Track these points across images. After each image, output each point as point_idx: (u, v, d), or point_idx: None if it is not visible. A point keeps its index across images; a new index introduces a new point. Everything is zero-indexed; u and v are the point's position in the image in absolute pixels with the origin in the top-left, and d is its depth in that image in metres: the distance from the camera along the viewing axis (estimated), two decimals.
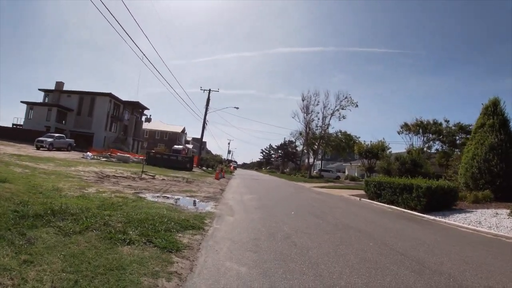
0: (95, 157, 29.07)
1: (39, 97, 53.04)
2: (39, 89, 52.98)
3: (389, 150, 29.68)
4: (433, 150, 31.72)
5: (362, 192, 21.87)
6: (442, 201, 13.15)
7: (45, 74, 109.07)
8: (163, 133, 77.02)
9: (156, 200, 9.19)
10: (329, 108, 43.19)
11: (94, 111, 51.42)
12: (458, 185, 16.03)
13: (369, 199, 16.52)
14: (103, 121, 51.43)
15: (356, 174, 54.29)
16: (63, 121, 50.44)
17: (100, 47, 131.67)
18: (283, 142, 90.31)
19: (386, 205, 14.51)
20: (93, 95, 51.71)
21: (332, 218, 9.23)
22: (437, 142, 32.56)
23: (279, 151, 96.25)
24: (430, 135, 32.33)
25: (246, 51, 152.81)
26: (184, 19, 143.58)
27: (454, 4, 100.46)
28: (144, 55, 17.62)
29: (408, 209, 13.11)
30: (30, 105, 49.91)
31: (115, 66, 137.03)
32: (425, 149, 30.40)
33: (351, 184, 32.83)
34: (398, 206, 13.83)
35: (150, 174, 17.52)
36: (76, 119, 51.30)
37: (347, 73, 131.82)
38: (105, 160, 27.66)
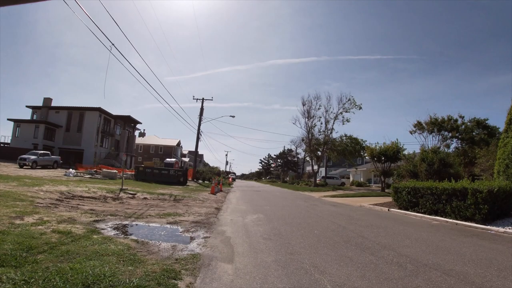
0: (79, 174, 26.67)
1: (27, 115, 50.87)
2: (27, 106, 50.83)
3: (403, 152, 26.66)
4: (451, 149, 28.68)
5: (382, 199, 18.87)
6: (504, 207, 10.31)
7: (34, 92, 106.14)
8: (157, 147, 74.18)
9: (115, 235, 6.09)
10: (331, 112, 40.35)
11: (83, 127, 49.18)
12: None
13: (400, 208, 13.45)
14: (93, 137, 49.08)
15: (362, 179, 51.17)
16: (52, 138, 48.19)
17: (93, 65, 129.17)
18: (282, 150, 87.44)
19: (427, 216, 11.49)
20: (82, 110, 49.44)
21: (380, 246, 6.14)
22: (454, 140, 29.57)
23: (279, 160, 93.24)
24: (446, 133, 29.37)
25: (239, 65, 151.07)
26: (177, 35, 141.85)
27: (442, 7, 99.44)
28: (136, 71, 14.64)
29: (461, 220, 10.19)
30: (17, 122, 47.50)
31: (108, 83, 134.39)
32: (442, 148, 27.36)
33: (362, 191, 29.71)
34: (445, 217, 10.84)
35: (130, 192, 14.37)
36: (65, 135, 49.09)
37: (342, 81, 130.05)
38: (89, 177, 25.00)
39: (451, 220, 10.43)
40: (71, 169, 27.74)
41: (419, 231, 8.48)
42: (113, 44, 10.63)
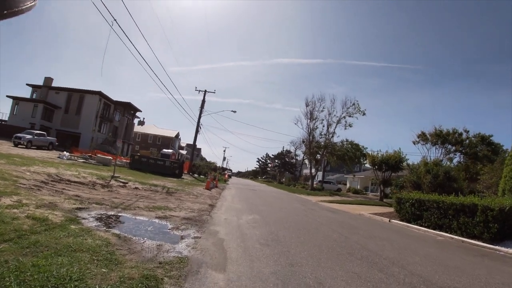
0: (73, 157, 26.00)
1: (27, 93, 50.07)
2: (27, 84, 49.86)
3: (406, 161, 26.10)
4: (453, 163, 28.12)
5: (382, 209, 18.32)
6: None
7: (36, 69, 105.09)
8: (156, 137, 73.46)
9: (95, 226, 5.48)
10: (334, 115, 39.69)
11: (82, 110, 48.25)
12: None
13: (401, 220, 12.87)
14: (91, 121, 48.20)
15: (359, 186, 50.58)
16: (50, 119, 47.32)
17: (98, 46, 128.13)
18: (280, 151, 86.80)
19: (431, 230, 10.93)
20: (82, 93, 48.56)
21: (388, 262, 5.55)
22: (457, 154, 29.03)
23: (276, 161, 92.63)
24: (450, 146, 28.82)
25: (244, 61, 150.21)
26: (185, 26, 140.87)
27: (452, 19, 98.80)
28: (142, 57, 13.93)
29: (468, 238, 9.64)
30: (16, 100, 46.58)
31: (111, 67, 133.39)
32: (444, 161, 26.80)
33: (360, 198, 29.11)
34: (450, 233, 10.27)
35: (121, 180, 13.72)
36: (63, 117, 48.19)
37: (346, 85, 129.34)
38: (83, 162, 24.37)
39: (456, 237, 9.86)
40: (65, 152, 27.14)
41: (425, 247, 7.90)
42: (115, 20, 10.00)
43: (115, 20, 10.06)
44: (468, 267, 6.13)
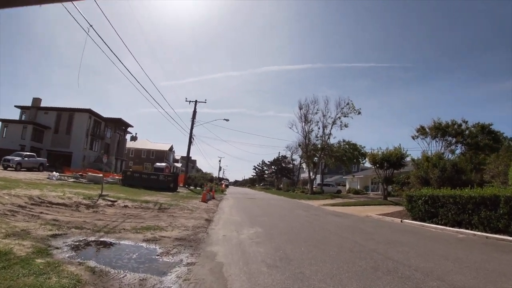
0: (63, 177, 25.00)
1: (15, 115, 49.32)
2: (15, 106, 48.98)
3: (410, 157, 25.35)
4: (456, 155, 27.40)
5: (388, 208, 17.48)
6: None
7: (25, 92, 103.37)
8: (149, 151, 72.32)
9: (68, 258, 4.56)
10: (329, 117, 38.89)
11: (72, 129, 47.30)
12: None
13: (414, 220, 11.99)
14: (82, 139, 47.27)
15: (358, 186, 49.67)
16: (40, 140, 46.20)
17: (86, 66, 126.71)
18: (276, 157, 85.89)
19: (449, 228, 10.08)
20: (72, 111, 47.58)
21: (421, 274, 4.65)
22: (459, 146, 28.31)
23: (273, 167, 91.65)
24: (450, 138, 28.09)
25: (234, 71, 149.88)
26: (172, 40, 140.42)
27: (436, 16, 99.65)
28: (130, 73, 12.98)
29: (492, 233, 8.80)
30: (5, 122, 45.50)
31: (101, 86, 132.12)
32: (446, 154, 26.06)
33: (362, 199, 28.21)
34: (471, 229, 9.42)
35: (110, 199, 12.69)
36: (53, 137, 47.11)
37: (336, 89, 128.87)
38: (73, 181, 23.38)
39: (479, 233, 9.01)
40: (54, 172, 26.16)
41: (452, 249, 7.02)
42: (91, 26, 9.11)
43: (91, 26, 9.18)
44: (510, 269, 5.29)
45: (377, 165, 24.74)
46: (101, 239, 6.09)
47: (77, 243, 5.59)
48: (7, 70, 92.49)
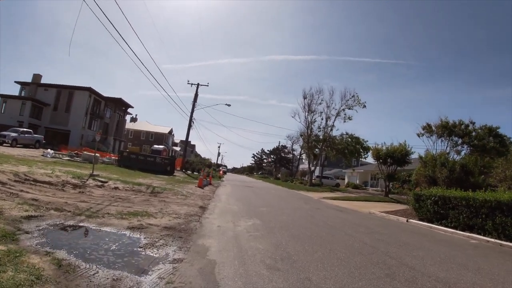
0: (57, 155, 24.36)
1: (16, 90, 48.19)
2: (15, 82, 47.92)
3: (418, 154, 24.63)
4: (461, 156, 26.61)
5: (391, 206, 16.87)
6: None
7: (29, 70, 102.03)
8: (148, 133, 71.51)
9: (35, 246, 3.89)
10: (333, 108, 37.99)
11: (71, 107, 46.22)
12: None
13: (421, 220, 11.32)
14: (81, 118, 46.28)
15: (357, 181, 49.09)
16: (38, 117, 45.18)
17: (91, 47, 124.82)
18: (276, 146, 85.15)
19: (460, 232, 9.41)
20: (72, 89, 46.56)
21: (443, 285, 3.99)
22: (465, 147, 27.50)
23: (272, 156, 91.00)
24: (457, 138, 27.22)
25: (239, 57, 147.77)
26: (178, 23, 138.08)
27: (443, 15, 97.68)
28: (134, 52, 12.04)
29: (507, 240, 8.14)
30: (4, 98, 44.45)
31: (105, 66, 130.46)
32: (452, 154, 25.28)
33: (362, 194, 27.58)
34: (484, 235, 8.76)
35: (100, 179, 11.99)
36: (52, 114, 46.03)
37: (340, 82, 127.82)
38: (68, 160, 22.69)
39: (493, 240, 8.34)
40: (49, 150, 25.46)
41: (469, 256, 6.35)
42: None
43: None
44: None
45: (381, 160, 23.98)
46: (80, 224, 5.40)
47: (52, 228, 4.90)
48: (6, 44, 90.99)
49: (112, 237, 4.82)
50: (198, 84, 35.02)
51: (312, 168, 40.96)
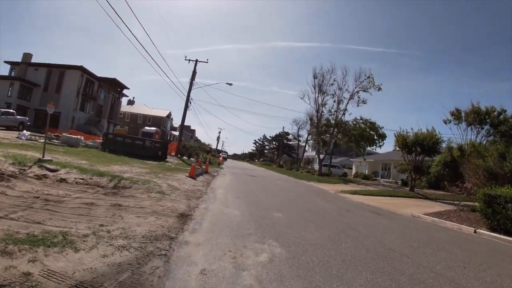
0: (34, 137, 21.17)
1: (5, 71, 45.42)
2: (5, 62, 44.87)
3: (444, 144, 21.21)
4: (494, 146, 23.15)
5: (426, 204, 13.76)
6: None
7: (19, 49, 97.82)
8: (146, 117, 68.11)
9: None
10: (346, 90, 34.26)
11: (62, 87, 42.83)
12: None
13: (494, 231, 8.01)
14: (72, 99, 42.92)
15: (367, 171, 45.72)
16: (28, 98, 41.98)
17: (89, 29, 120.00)
18: (279, 132, 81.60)
19: None
20: (63, 68, 43.04)
21: None
22: (498, 137, 23.95)
23: (274, 143, 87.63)
24: (489, 127, 23.58)
25: (241, 43, 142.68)
26: (180, 7, 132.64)
27: (449, 7, 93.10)
28: (133, 35, 8.73)
29: None
30: None
31: (103, 48, 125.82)
32: (486, 144, 21.75)
33: (380, 187, 24.25)
34: None
35: (50, 166, 8.57)
36: (42, 95, 42.39)
37: (342, 70, 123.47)
38: (44, 142, 19.35)
39: None
40: (25, 131, 22.30)
41: None
42: None
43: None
44: None
45: (406, 149, 20.53)
46: None
47: None
48: (8, 27, 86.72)
49: None
50: (196, 61, 31.42)
51: (322, 156, 37.51)
